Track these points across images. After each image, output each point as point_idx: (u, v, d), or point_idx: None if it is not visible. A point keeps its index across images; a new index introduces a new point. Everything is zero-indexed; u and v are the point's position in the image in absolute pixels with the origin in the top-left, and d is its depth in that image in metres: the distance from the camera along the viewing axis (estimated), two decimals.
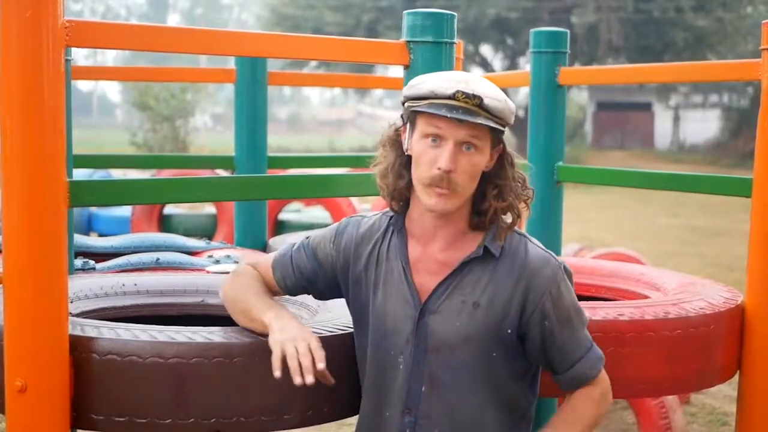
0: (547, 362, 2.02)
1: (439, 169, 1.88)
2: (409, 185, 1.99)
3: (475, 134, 1.90)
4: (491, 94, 1.91)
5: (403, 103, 1.99)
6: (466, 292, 1.96)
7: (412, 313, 1.98)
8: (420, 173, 1.93)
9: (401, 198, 2.03)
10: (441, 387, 1.96)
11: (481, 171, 1.96)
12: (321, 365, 1.86)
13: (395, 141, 2.03)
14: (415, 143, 1.94)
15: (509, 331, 1.95)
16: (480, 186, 1.97)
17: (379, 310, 2.02)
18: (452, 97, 1.88)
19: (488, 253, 1.98)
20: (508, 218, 2.01)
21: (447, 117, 1.88)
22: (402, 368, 1.99)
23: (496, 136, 1.96)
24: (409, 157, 1.98)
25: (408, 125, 1.98)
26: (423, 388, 1.97)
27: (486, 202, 1.98)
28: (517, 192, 2.00)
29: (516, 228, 2.03)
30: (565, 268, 2.01)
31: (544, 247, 2.04)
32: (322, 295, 2.18)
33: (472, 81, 1.92)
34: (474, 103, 1.88)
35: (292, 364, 1.86)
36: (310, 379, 1.84)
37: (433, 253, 2.00)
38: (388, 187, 2.02)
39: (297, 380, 1.85)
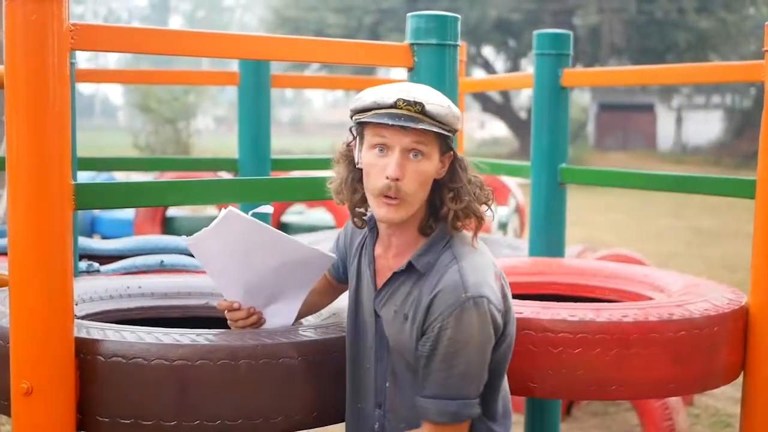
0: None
1: (387, 178, 1.90)
2: (364, 198, 2.02)
3: (420, 140, 1.91)
4: (433, 100, 1.92)
5: (351, 117, 2.01)
6: (398, 302, 2.00)
7: (372, 311, 2.05)
8: (369, 184, 1.95)
9: (362, 212, 2.07)
10: (401, 384, 2.01)
11: (432, 178, 1.96)
12: None
13: (347, 156, 2.05)
14: (364, 155, 1.96)
15: (418, 343, 1.96)
16: (435, 194, 1.98)
17: (358, 302, 2.10)
18: (394, 105, 1.90)
19: (414, 267, 1.98)
20: (470, 224, 1.99)
21: (389, 125, 1.89)
22: (372, 363, 2.05)
23: (443, 142, 1.96)
24: (362, 171, 1.99)
25: (357, 139, 2.00)
26: (387, 384, 2.03)
27: (444, 207, 1.97)
28: (475, 194, 1.99)
29: (457, 247, 1.98)
30: (476, 303, 1.89)
31: (471, 275, 1.92)
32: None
33: (414, 89, 1.94)
34: (416, 110, 1.89)
35: None
36: None
37: (389, 257, 2.05)
38: (343, 202, 2.06)
39: None
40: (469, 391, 1.92)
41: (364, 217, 2.08)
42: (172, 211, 8.09)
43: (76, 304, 2.40)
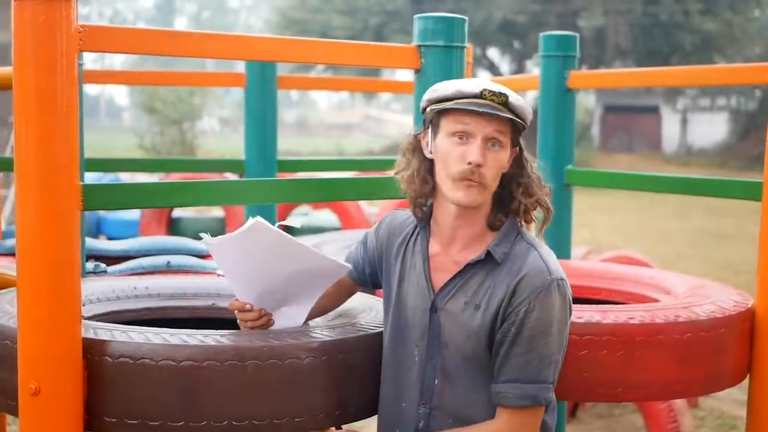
0: (494, 362, 2.01)
1: (469, 163, 1.95)
2: (434, 189, 2.06)
3: (500, 130, 1.98)
4: (513, 94, 2.00)
5: (424, 109, 2.05)
6: (469, 293, 2.03)
7: (426, 308, 2.06)
8: (449, 169, 1.99)
9: (422, 202, 2.10)
10: (453, 380, 2.04)
11: (503, 170, 2.02)
12: None
13: (416, 147, 2.09)
14: (441, 143, 2.01)
15: (499, 329, 2.00)
16: (504, 188, 2.04)
17: (401, 302, 2.11)
18: (479, 95, 1.95)
19: (492, 257, 2.02)
20: (539, 215, 2.07)
21: (477, 112, 1.95)
22: (417, 360, 2.07)
23: (515, 136, 2.03)
24: (432, 162, 2.04)
25: (430, 129, 2.04)
26: (436, 381, 2.05)
27: (515, 201, 2.04)
28: (541, 188, 2.07)
29: (528, 237, 2.06)
30: (558, 285, 1.99)
31: (550, 260, 2.03)
32: (374, 283, 2.28)
33: (494, 83, 2.01)
34: (500, 101, 1.96)
35: None
36: None
37: (451, 252, 2.07)
38: (415, 193, 2.09)
39: None
40: (547, 375, 1.97)
41: (424, 208, 2.12)
42: (178, 212, 8.11)
43: (84, 305, 2.41)
